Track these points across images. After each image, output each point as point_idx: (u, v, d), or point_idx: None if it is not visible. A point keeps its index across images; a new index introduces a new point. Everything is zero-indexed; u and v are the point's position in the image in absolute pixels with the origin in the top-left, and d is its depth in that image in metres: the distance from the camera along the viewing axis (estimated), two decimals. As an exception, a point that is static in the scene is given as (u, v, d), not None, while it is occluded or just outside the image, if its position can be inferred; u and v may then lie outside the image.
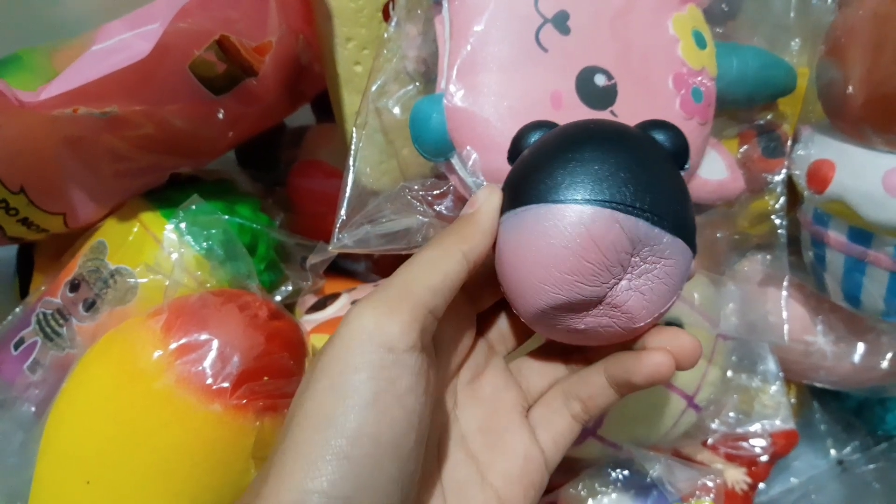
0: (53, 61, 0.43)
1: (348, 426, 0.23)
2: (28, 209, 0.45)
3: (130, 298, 0.45)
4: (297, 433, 0.23)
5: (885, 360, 0.48)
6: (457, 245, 0.27)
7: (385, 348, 0.24)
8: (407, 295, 0.25)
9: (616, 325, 0.27)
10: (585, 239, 0.25)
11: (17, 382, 0.46)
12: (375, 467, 0.23)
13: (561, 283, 0.26)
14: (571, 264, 0.25)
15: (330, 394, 0.23)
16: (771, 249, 0.45)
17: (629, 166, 0.26)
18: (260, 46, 0.45)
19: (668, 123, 0.29)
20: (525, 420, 0.31)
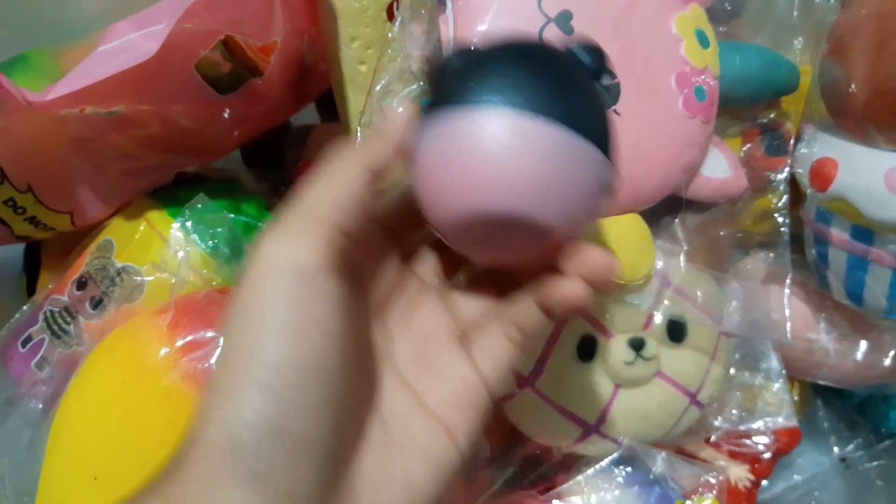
0: (61, 61, 0.43)
1: (268, 357, 0.22)
2: (35, 208, 0.45)
3: (137, 296, 0.45)
4: (220, 370, 0.23)
5: (888, 357, 0.48)
6: (359, 157, 0.26)
7: (296, 275, 0.23)
8: (310, 216, 0.24)
9: (533, 235, 0.26)
10: (501, 144, 0.24)
11: (24, 379, 0.46)
12: (301, 393, 0.22)
13: (476, 191, 0.25)
14: (487, 171, 0.24)
15: (246, 325, 0.23)
16: (774, 247, 0.45)
17: (548, 73, 0.25)
18: (265, 46, 0.45)
19: (591, 44, 0.28)
20: (459, 346, 0.29)
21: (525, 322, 0.29)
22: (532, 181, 0.25)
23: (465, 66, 0.26)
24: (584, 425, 0.42)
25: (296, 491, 0.22)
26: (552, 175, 0.25)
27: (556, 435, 0.43)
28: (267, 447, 0.21)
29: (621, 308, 0.41)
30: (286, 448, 0.22)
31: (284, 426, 0.22)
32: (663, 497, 0.43)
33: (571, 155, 0.25)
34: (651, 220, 0.41)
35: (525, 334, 0.29)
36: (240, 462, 0.21)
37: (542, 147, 0.25)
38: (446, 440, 0.27)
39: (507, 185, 0.25)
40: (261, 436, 0.21)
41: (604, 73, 0.28)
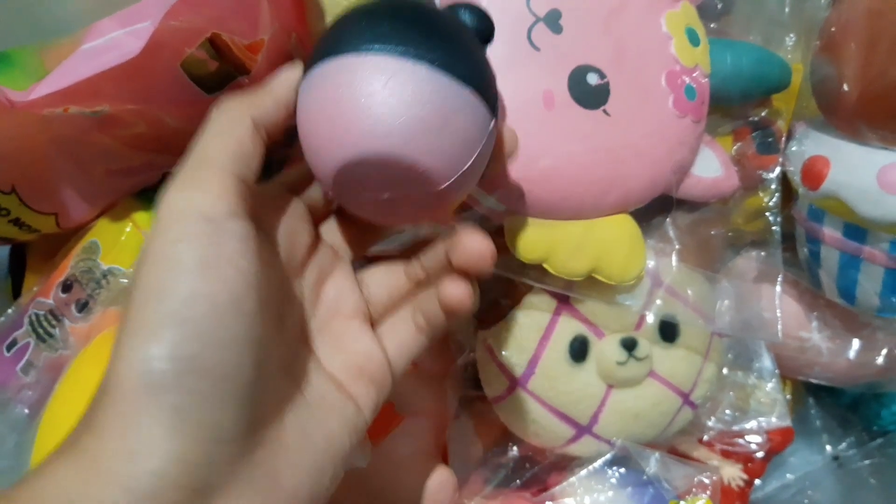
0: (44, 60, 0.42)
1: (180, 290, 0.22)
2: (19, 209, 0.45)
3: (123, 299, 0.45)
4: (130, 309, 0.22)
5: (881, 356, 0.48)
6: (244, 110, 0.27)
7: (203, 218, 0.23)
8: (207, 164, 0.25)
9: (415, 182, 0.25)
10: (373, 87, 0.24)
11: (10, 384, 0.46)
12: (217, 326, 0.22)
13: (351, 136, 0.25)
14: (360, 115, 0.24)
15: (156, 266, 0.23)
16: (765, 246, 0.45)
17: (424, 23, 0.25)
18: (252, 45, 0.44)
19: (474, 6, 0.28)
20: (365, 325, 0.30)
21: (430, 315, 0.30)
22: (406, 122, 0.24)
23: (343, 21, 0.27)
24: (576, 426, 0.42)
25: (218, 424, 0.22)
26: (426, 116, 0.25)
27: (549, 436, 0.43)
28: (185, 378, 0.21)
29: (613, 308, 0.41)
30: (205, 378, 0.22)
31: (203, 357, 0.22)
32: (657, 498, 0.43)
33: (446, 97, 0.25)
34: (642, 220, 0.40)
35: (431, 325, 0.30)
36: (158, 396, 0.21)
37: (414, 88, 0.24)
38: (353, 406, 0.28)
39: (381, 127, 0.24)
40: (178, 366, 0.21)
41: (489, 36, 0.28)
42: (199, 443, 0.21)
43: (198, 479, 0.21)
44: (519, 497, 0.45)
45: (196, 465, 0.21)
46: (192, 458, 0.21)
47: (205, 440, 0.21)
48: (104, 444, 0.21)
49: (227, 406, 0.22)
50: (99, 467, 0.20)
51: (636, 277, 0.40)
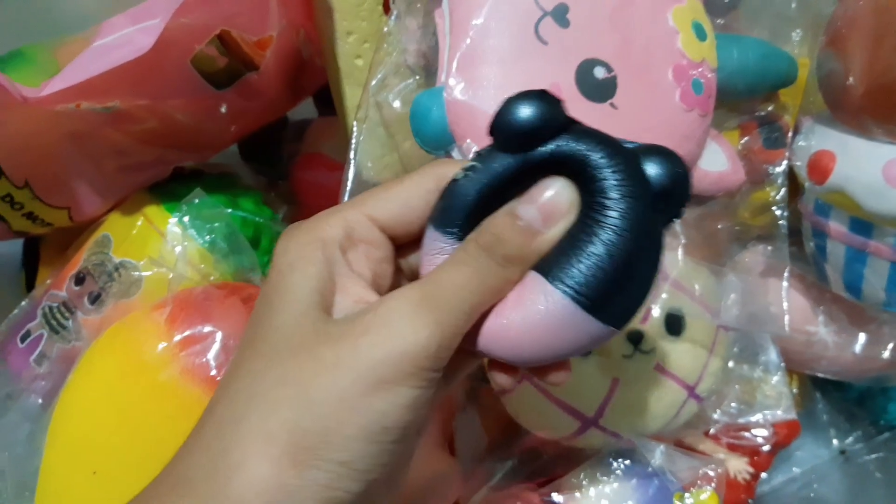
0: (56, 57, 0.43)
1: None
2: (33, 203, 0.45)
3: (135, 291, 0.45)
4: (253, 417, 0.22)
5: (887, 350, 0.48)
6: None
7: (425, 369, 0.22)
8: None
9: (509, 361, 0.26)
10: (540, 325, 0.24)
11: (23, 374, 0.46)
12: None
13: (491, 344, 0.25)
14: (515, 336, 0.25)
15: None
16: (772, 240, 0.45)
17: (624, 263, 0.23)
18: (261, 41, 0.45)
19: (668, 153, 0.25)
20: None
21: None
22: (536, 350, 0.25)
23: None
24: (582, 418, 0.42)
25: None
26: (558, 349, 0.25)
27: (555, 428, 0.43)
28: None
29: (619, 301, 0.41)
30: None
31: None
32: (662, 490, 0.43)
33: (589, 339, 0.24)
34: (648, 214, 0.40)
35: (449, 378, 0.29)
36: None
37: (563, 328, 0.24)
38: None
39: (513, 345, 0.25)
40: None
41: (679, 199, 0.25)
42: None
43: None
44: (524, 489, 0.45)
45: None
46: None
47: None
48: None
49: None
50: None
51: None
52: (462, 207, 0.25)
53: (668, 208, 0.24)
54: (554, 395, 0.42)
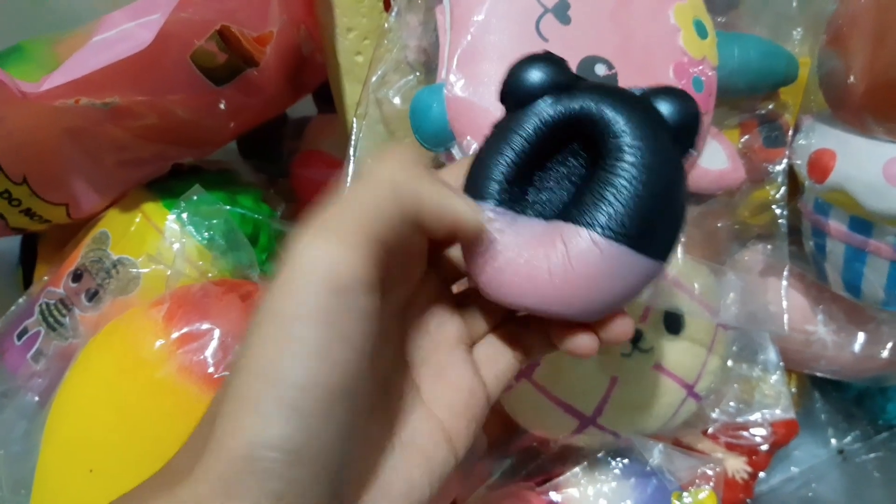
0: (56, 52, 0.43)
1: (296, 377, 0.21)
2: (31, 200, 0.45)
3: (133, 288, 0.45)
4: (243, 381, 0.22)
5: (886, 349, 0.48)
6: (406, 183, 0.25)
7: (332, 289, 0.21)
8: (359, 226, 0.22)
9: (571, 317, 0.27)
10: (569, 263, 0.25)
11: (20, 372, 0.46)
12: (327, 414, 0.22)
13: (533, 295, 0.26)
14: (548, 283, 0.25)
15: (275, 344, 0.22)
16: (772, 239, 0.45)
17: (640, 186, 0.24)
18: (261, 37, 0.45)
19: (678, 92, 0.26)
20: (468, 355, 0.30)
21: (533, 349, 0.30)
22: (584, 296, 0.25)
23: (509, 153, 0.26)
24: (580, 417, 0.42)
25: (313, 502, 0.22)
26: (605, 291, 0.25)
27: (553, 427, 0.43)
28: (288, 469, 0.21)
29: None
30: (307, 469, 0.21)
31: (307, 449, 0.21)
32: (660, 489, 0.43)
33: (638, 276, 0.25)
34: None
35: (531, 357, 0.31)
36: (261, 481, 0.21)
37: (612, 271, 0.25)
38: (447, 447, 0.27)
39: (557, 295, 0.25)
40: (283, 457, 0.21)
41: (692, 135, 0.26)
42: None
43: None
44: (523, 487, 0.45)
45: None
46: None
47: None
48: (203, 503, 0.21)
49: (323, 491, 0.22)
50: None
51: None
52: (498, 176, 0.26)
53: (683, 140, 0.26)
54: (552, 393, 0.42)
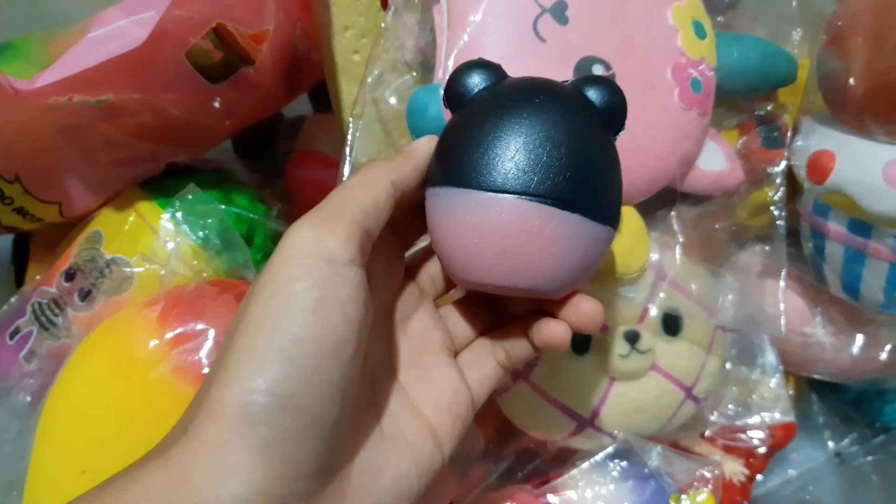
0: (49, 48, 0.42)
1: (292, 328, 0.23)
2: (23, 198, 0.45)
3: (126, 288, 0.45)
4: (240, 338, 0.24)
5: (884, 351, 0.48)
6: (386, 173, 0.28)
7: (325, 260, 0.24)
8: (342, 212, 0.26)
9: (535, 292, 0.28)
10: (514, 233, 0.26)
11: (12, 372, 0.46)
12: (318, 368, 0.23)
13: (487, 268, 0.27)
14: (499, 255, 0.27)
15: (272, 301, 0.24)
16: (770, 241, 0.45)
17: (547, 147, 0.26)
18: (257, 35, 0.45)
19: (603, 79, 0.30)
20: (452, 360, 0.32)
21: (515, 352, 0.33)
22: (544, 266, 0.27)
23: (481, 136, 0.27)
24: (578, 419, 0.42)
25: (301, 461, 0.23)
26: (563, 260, 0.27)
27: (551, 428, 0.43)
28: (280, 415, 0.23)
29: (616, 301, 0.41)
30: (298, 418, 0.23)
31: (299, 397, 0.23)
32: (658, 491, 0.43)
33: (583, 239, 0.27)
34: (646, 213, 0.40)
35: (512, 361, 0.33)
36: (252, 427, 0.22)
37: (556, 235, 0.27)
38: (433, 443, 0.29)
39: (519, 269, 0.27)
40: (276, 402, 0.23)
41: (621, 117, 0.30)
42: (281, 477, 0.23)
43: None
44: (520, 489, 0.45)
45: (275, 497, 0.22)
46: (273, 490, 0.22)
47: (287, 475, 0.23)
48: (195, 460, 0.22)
49: (312, 445, 0.23)
50: (187, 481, 0.22)
51: (640, 270, 0.39)
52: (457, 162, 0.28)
53: (611, 121, 0.29)
54: (550, 395, 0.42)
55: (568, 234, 0.27)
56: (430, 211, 0.29)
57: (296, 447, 0.23)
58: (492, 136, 0.27)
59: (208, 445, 0.22)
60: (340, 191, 0.27)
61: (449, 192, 0.28)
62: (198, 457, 0.22)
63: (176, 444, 0.23)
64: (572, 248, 0.27)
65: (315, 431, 0.23)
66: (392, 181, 0.28)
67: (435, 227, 0.29)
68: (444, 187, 0.28)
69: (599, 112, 0.29)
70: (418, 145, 0.30)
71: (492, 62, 0.30)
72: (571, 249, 0.27)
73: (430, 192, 0.29)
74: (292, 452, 0.23)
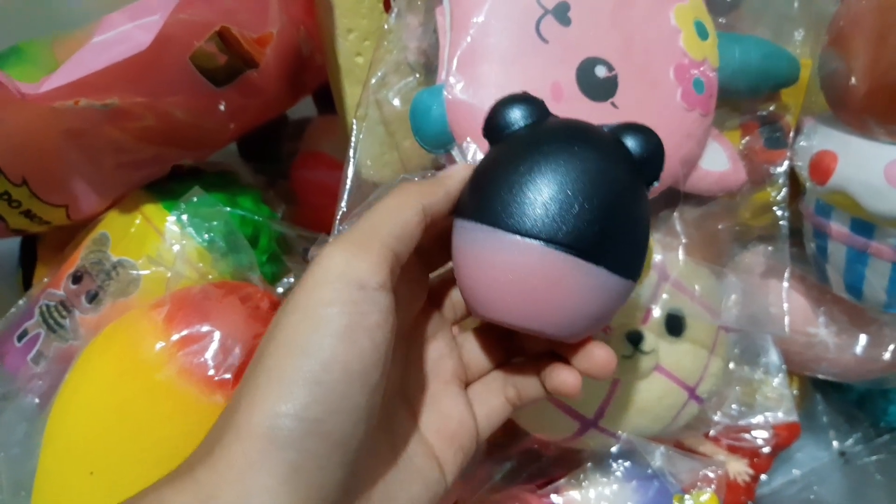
0: (55, 53, 0.43)
1: (321, 353, 0.23)
2: (30, 201, 0.45)
3: (133, 290, 0.45)
4: (270, 360, 0.24)
5: (888, 351, 0.48)
6: (419, 198, 0.28)
7: (356, 285, 0.25)
8: (374, 237, 0.26)
9: (552, 335, 0.29)
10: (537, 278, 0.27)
11: (20, 374, 0.46)
12: (345, 393, 0.24)
13: (507, 307, 0.28)
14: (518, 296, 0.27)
15: (303, 325, 0.24)
16: (773, 241, 0.45)
17: (580, 198, 0.26)
18: (261, 38, 0.45)
19: (643, 129, 0.29)
20: (462, 391, 0.33)
21: (526, 392, 0.33)
22: (563, 313, 0.27)
23: (516, 178, 0.27)
24: (582, 420, 0.42)
25: (325, 485, 0.23)
26: (582, 309, 0.27)
27: (555, 429, 0.43)
28: (307, 439, 0.23)
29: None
30: (324, 442, 0.23)
31: (326, 422, 0.23)
32: (662, 491, 0.43)
33: (604, 291, 0.27)
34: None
35: (522, 400, 0.33)
36: (279, 451, 0.22)
37: (578, 286, 0.27)
38: (438, 471, 0.30)
39: (538, 313, 0.27)
40: (304, 426, 0.23)
41: (657, 167, 0.30)
42: (306, 501, 0.23)
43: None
44: (524, 490, 0.45)
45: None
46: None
47: (312, 499, 0.23)
48: (222, 481, 0.22)
49: (337, 469, 0.24)
50: (214, 502, 0.22)
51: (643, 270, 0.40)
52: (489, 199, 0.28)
53: (647, 171, 0.29)
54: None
55: (590, 286, 0.27)
56: (456, 242, 0.29)
57: (321, 471, 0.23)
58: (527, 180, 0.27)
59: (235, 467, 0.22)
60: (373, 214, 0.28)
61: (478, 227, 0.28)
62: (224, 478, 0.22)
63: (203, 463, 0.23)
64: (593, 299, 0.27)
65: (339, 456, 0.24)
66: (424, 206, 0.28)
67: (459, 259, 0.29)
68: (473, 222, 0.28)
69: (635, 161, 0.29)
70: (453, 173, 0.30)
71: (535, 97, 0.30)
72: (592, 300, 0.27)
73: (458, 224, 0.29)
74: (317, 476, 0.23)
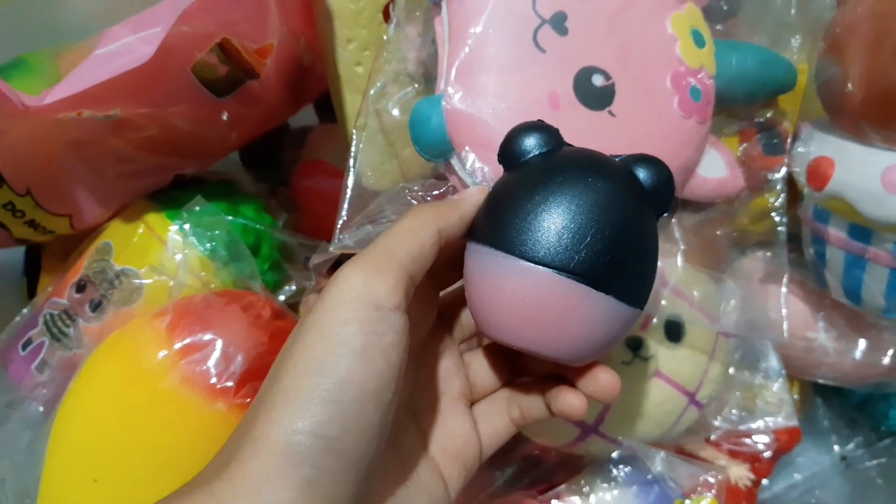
0: (58, 65, 0.43)
1: (337, 372, 0.24)
2: (34, 211, 0.45)
3: (136, 299, 0.45)
4: (286, 378, 0.24)
5: (887, 356, 0.48)
6: (434, 221, 0.29)
7: (373, 305, 0.25)
8: (392, 259, 0.27)
9: (558, 359, 0.29)
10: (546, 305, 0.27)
11: (25, 382, 0.46)
12: (360, 412, 0.24)
13: (515, 330, 0.28)
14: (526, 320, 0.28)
15: (320, 343, 0.25)
16: (771, 246, 0.45)
17: (592, 228, 0.27)
18: (261, 49, 0.45)
19: (655, 161, 0.30)
20: (467, 409, 0.33)
21: (530, 413, 0.33)
22: (570, 339, 0.28)
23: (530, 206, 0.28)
24: (582, 425, 0.42)
25: (337, 501, 0.24)
26: (589, 336, 0.28)
27: (555, 435, 0.43)
28: (323, 456, 0.23)
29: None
30: (339, 459, 0.24)
31: (341, 439, 0.24)
32: (662, 496, 0.43)
33: (612, 319, 0.28)
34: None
35: (526, 420, 0.33)
36: (296, 466, 0.23)
37: (587, 314, 0.27)
38: (443, 488, 0.30)
39: (546, 338, 0.28)
40: (320, 443, 0.23)
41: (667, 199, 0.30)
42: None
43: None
44: (524, 496, 0.45)
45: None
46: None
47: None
48: (238, 495, 0.23)
49: (350, 485, 0.24)
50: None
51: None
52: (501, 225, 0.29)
53: (658, 202, 0.30)
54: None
55: (599, 314, 0.28)
56: (468, 264, 0.30)
57: (335, 487, 0.24)
58: (541, 209, 0.27)
59: (252, 481, 0.23)
60: (390, 235, 0.28)
61: (490, 252, 0.28)
62: (241, 491, 0.23)
63: (219, 477, 0.23)
64: (600, 326, 0.28)
65: (353, 472, 0.24)
66: (439, 229, 0.28)
67: (471, 281, 0.29)
68: (488, 247, 0.28)
69: (646, 192, 0.29)
70: (468, 196, 0.31)
71: (550, 126, 0.31)
72: (599, 327, 0.28)
73: (471, 247, 0.30)
74: (332, 492, 0.23)
